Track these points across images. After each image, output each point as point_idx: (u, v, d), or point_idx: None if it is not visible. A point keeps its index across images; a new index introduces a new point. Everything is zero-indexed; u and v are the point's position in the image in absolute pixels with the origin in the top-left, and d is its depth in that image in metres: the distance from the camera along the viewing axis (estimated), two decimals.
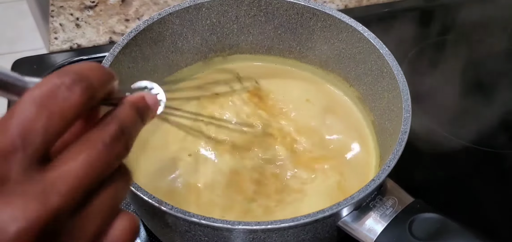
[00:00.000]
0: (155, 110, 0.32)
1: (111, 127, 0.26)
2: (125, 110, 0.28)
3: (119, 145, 0.26)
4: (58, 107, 0.24)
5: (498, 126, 0.66)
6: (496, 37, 0.80)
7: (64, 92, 0.24)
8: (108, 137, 0.26)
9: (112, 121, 0.27)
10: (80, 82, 0.25)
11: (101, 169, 0.25)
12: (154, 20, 0.54)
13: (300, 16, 0.58)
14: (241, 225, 0.39)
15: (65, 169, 0.24)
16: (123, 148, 0.27)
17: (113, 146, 0.26)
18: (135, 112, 0.29)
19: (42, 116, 0.23)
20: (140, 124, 0.30)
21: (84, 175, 0.24)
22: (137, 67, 0.55)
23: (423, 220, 0.42)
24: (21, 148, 0.23)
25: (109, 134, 0.26)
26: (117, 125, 0.27)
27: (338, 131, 0.57)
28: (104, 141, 0.25)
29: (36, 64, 0.69)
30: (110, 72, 0.28)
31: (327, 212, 0.40)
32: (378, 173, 0.43)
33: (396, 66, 0.51)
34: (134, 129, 0.28)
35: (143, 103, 0.30)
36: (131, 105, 0.29)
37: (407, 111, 0.47)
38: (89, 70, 0.26)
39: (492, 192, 0.59)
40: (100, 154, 0.25)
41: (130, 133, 0.28)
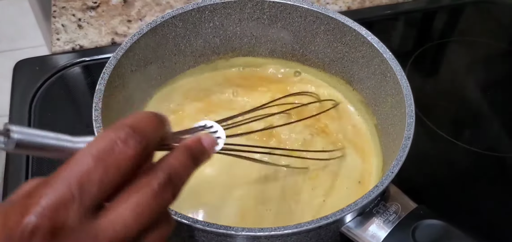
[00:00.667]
0: (211, 152, 0.33)
1: (159, 175, 0.27)
2: (177, 156, 0.29)
3: (166, 193, 0.27)
4: (114, 160, 0.26)
5: (501, 130, 0.66)
6: (499, 39, 0.80)
7: (120, 147, 0.26)
8: (157, 185, 0.27)
9: (161, 168, 0.28)
10: (135, 136, 0.26)
11: (149, 216, 0.26)
12: (157, 23, 0.54)
13: (303, 19, 0.58)
14: (245, 231, 0.39)
15: (115, 215, 0.26)
16: (171, 195, 0.28)
17: (161, 194, 0.27)
18: (188, 157, 0.30)
19: (98, 169, 0.25)
20: (193, 168, 0.30)
21: (133, 222, 0.26)
22: (140, 70, 0.55)
23: (426, 226, 0.42)
24: (78, 198, 0.24)
25: (157, 182, 0.27)
26: (165, 173, 0.28)
27: (340, 134, 0.57)
28: (153, 189, 0.27)
29: (38, 65, 0.69)
30: (163, 120, 0.30)
31: (330, 218, 0.40)
32: (381, 179, 0.43)
33: (400, 71, 0.51)
34: (184, 174, 0.29)
35: (198, 147, 0.31)
36: (185, 150, 0.30)
37: (411, 117, 0.47)
38: (142, 122, 0.28)
39: (495, 196, 0.59)
40: (149, 201, 0.26)
41: (179, 180, 0.29)
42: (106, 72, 0.49)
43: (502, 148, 0.64)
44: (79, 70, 0.69)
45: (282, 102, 0.57)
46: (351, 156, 0.56)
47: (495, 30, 0.82)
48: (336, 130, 0.58)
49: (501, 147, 0.64)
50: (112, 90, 0.50)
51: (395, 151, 0.46)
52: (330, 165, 0.54)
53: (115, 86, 0.50)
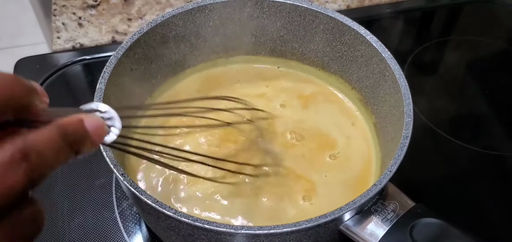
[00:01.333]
0: (97, 139, 0.26)
1: (7, 150, 0.21)
2: (42, 132, 0.23)
3: (16, 173, 0.21)
4: None
5: (499, 128, 0.67)
6: (498, 38, 0.81)
7: None
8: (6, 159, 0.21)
9: (13, 142, 0.21)
10: None
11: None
12: (158, 22, 0.54)
13: (302, 18, 0.59)
14: (244, 229, 0.40)
15: None
16: (23, 178, 0.21)
17: (10, 171, 0.21)
18: (58, 135, 0.23)
19: None
20: (65, 153, 0.24)
21: None
22: (140, 69, 0.55)
23: (424, 225, 0.42)
24: None
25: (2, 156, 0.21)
26: (16, 148, 0.21)
27: (339, 133, 0.58)
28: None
29: (38, 63, 0.69)
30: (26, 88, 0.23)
31: (329, 217, 0.40)
32: (379, 178, 0.43)
33: (398, 70, 0.51)
34: (51, 156, 0.23)
35: (76, 128, 0.25)
36: (55, 127, 0.23)
37: (409, 116, 0.48)
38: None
39: (493, 195, 0.59)
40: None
41: (41, 160, 0.22)
42: (107, 71, 0.49)
43: (501, 146, 0.64)
44: (79, 69, 0.69)
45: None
46: (350, 154, 0.56)
47: (494, 29, 0.82)
48: (335, 127, 0.58)
49: (500, 146, 0.64)
50: (113, 89, 0.50)
51: (394, 149, 0.47)
52: (329, 163, 0.54)
53: (115, 85, 0.51)
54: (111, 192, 0.57)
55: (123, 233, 0.54)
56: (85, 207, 0.56)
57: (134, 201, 0.48)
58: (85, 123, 0.25)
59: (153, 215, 0.44)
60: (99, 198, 0.56)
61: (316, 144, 0.56)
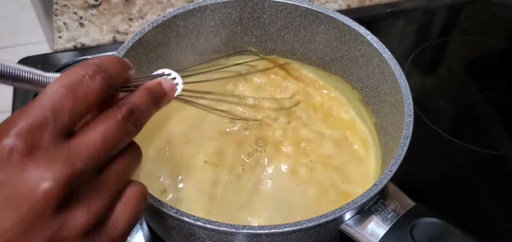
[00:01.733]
0: (171, 95, 0.37)
1: (122, 109, 0.31)
2: (138, 94, 0.33)
3: (129, 124, 0.31)
4: (83, 92, 0.29)
5: (500, 128, 0.67)
6: (498, 37, 0.81)
7: (88, 81, 0.29)
8: (120, 116, 0.31)
9: (124, 103, 0.32)
10: (101, 72, 0.30)
11: (114, 141, 0.30)
12: (159, 22, 0.55)
13: (303, 18, 0.59)
14: (245, 229, 0.40)
15: (85, 138, 0.29)
16: (132, 126, 0.32)
17: (124, 124, 0.31)
18: (149, 96, 0.34)
19: (69, 98, 0.28)
20: (154, 106, 0.34)
21: (101, 144, 0.29)
22: (141, 69, 0.55)
23: (424, 225, 0.43)
24: (51, 122, 0.28)
25: (121, 113, 0.31)
26: (128, 107, 0.31)
27: (339, 132, 0.58)
28: (116, 118, 0.30)
29: (40, 63, 0.69)
30: (126, 64, 0.33)
31: (330, 216, 0.41)
32: (380, 177, 0.43)
33: (399, 70, 0.51)
34: (145, 110, 0.33)
35: (158, 88, 0.35)
36: (146, 90, 0.34)
37: (409, 116, 0.48)
38: (108, 62, 0.31)
39: (493, 194, 0.59)
40: (114, 129, 0.30)
41: (140, 114, 0.32)
42: None
43: (501, 146, 0.64)
44: None
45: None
46: (350, 153, 0.56)
47: (494, 29, 0.83)
48: (335, 126, 0.58)
49: (500, 146, 0.64)
50: None
51: (394, 149, 0.47)
52: (329, 162, 0.55)
53: None
54: None
55: None
56: None
57: None
58: (163, 84, 0.36)
59: (154, 214, 0.44)
60: None
61: (316, 141, 0.56)
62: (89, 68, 0.30)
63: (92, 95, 0.29)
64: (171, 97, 0.37)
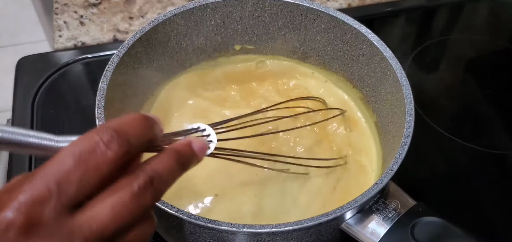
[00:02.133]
0: (201, 156, 0.33)
1: (140, 177, 0.28)
2: (163, 159, 0.30)
3: (146, 195, 0.28)
4: (95, 162, 0.26)
5: (501, 127, 0.67)
6: (499, 36, 0.81)
7: (102, 149, 0.26)
8: (136, 187, 0.27)
9: (143, 170, 0.28)
10: (118, 139, 0.27)
11: (126, 217, 0.27)
12: (159, 21, 0.54)
13: (304, 17, 0.59)
14: (246, 228, 0.40)
15: (92, 214, 0.26)
16: (150, 198, 0.28)
17: (140, 196, 0.27)
18: (174, 160, 0.30)
19: (79, 169, 0.26)
20: (179, 172, 0.31)
21: (109, 221, 0.26)
22: (142, 67, 0.55)
23: (425, 224, 0.43)
24: (56, 195, 0.25)
25: (138, 183, 0.27)
26: (147, 175, 0.28)
27: (340, 131, 0.58)
28: (132, 190, 0.27)
29: (40, 62, 0.69)
30: (151, 122, 0.30)
31: (330, 216, 0.41)
32: (381, 177, 0.43)
33: (400, 69, 0.51)
34: (168, 178, 0.30)
35: (187, 151, 0.32)
36: (172, 153, 0.30)
37: (410, 115, 0.48)
38: (128, 125, 0.28)
39: (494, 194, 0.59)
40: (127, 203, 0.27)
41: (161, 183, 0.29)
42: (109, 70, 0.49)
43: (502, 145, 0.64)
44: (81, 67, 0.69)
45: (286, 106, 0.57)
46: (352, 152, 0.56)
47: (495, 28, 0.82)
48: (336, 126, 0.58)
49: (501, 145, 0.64)
50: (115, 88, 0.50)
51: (395, 148, 0.47)
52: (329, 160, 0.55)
53: (117, 84, 0.51)
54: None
55: None
56: None
57: None
58: (193, 145, 0.32)
59: (155, 213, 0.44)
60: None
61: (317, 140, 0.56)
62: (105, 133, 0.27)
63: (105, 166, 0.26)
64: (200, 159, 0.33)
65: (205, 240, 0.42)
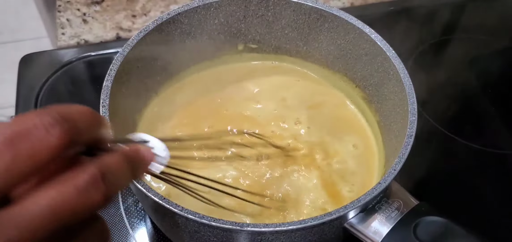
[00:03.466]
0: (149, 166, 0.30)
1: (89, 171, 0.23)
2: (113, 157, 0.25)
3: (95, 193, 0.23)
4: (29, 147, 0.21)
5: (503, 127, 0.67)
6: (501, 36, 0.81)
7: (41, 132, 0.22)
8: (83, 181, 0.23)
9: (93, 165, 0.24)
10: (63, 123, 0.22)
11: (66, 216, 0.22)
12: (163, 20, 0.55)
13: (307, 16, 0.59)
14: (250, 227, 0.40)
15: (20, 209, 0.21)
16: (101, 196, 0.23)
17: (87, 192, 0.23)
18: (126, 162, 0.26)
19: (5, 155, 0.21)
20: (129, 177, 0.27)
21: (43, 219, 0.22)
22: (146, 66, 0.55)
23: (428, 223, 0.43)
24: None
25: (84, 178, 0.23)
26: (97, 169, 0.24)
27: (343, 131, 0.58)
28: (77, 184, 0.23)
29: (44, 60, 0.69)
30: (100, 118, 0.26)
31: (334, 215, 0.41)
32: (384, 176, 0.43)
33: (403, 69, 0.52)
34: (121, 178, 0.26)
35: (136, 155, 0.28)
36: (122, 154, 0.26)
37: (413, 115, 0.48)
38: (76, 113, 0.24)
39: (497, 193, 0.59)
40: (68, 198, 0.22)
41: (114, 181, 0.24)
42: (113, 69, 0.50)
43: (504, 145, 0.65)
44: (84, 65, 0.70)
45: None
46: (353, 153, 0.56)
47: (498, 27, 0.82)
48: (338, 125, 0.58)
49: (503, 144, 0.65)
50: (119, 87, 0.50)
51: (398, 148, 0.47)
52: (333, 161, 0.55)
53: (121, 82, 0.51)
54: None
55: (128, 229, 0.54)
56: None
57: (140, 197, 0.49)
58: (141, 152, 0.29)
59: (159, 212, 0.44)
60: None
61: (319, 140, 0.56)
62: (47, 116, 0.22)
63: (43, 154, 0.22)
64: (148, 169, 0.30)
65: (209, 239, 0.43)
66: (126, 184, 0.27)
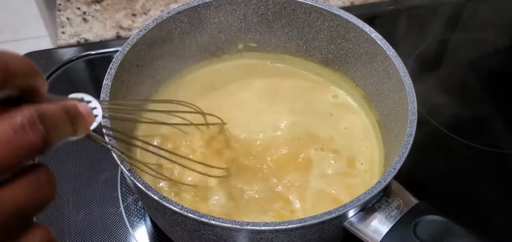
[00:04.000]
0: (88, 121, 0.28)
1: (26, 111, 0.22)
2: (51, 105, 0.24)
3: (33, 134, 0.22)
4: None
5: (503, 126, 0.67)
6: (501, 35, 0.81)
7: None
8: (20, 121, 0.22)
9: (30, 106, 0.22)
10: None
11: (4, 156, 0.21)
12: (163, 18, 0.55)
13: (307, 15, 0.59)
14: (250, 225, 0.40)
15: None
16: (39, 139, 0.22)
17: (24, 131, 0.22)
18: (64, 112, 0.25)
19: None
20: (69, 128, 0.25)
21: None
22: (146, 65, 0.55)
23: (427, 222, 0.43)
24: None
25: (21, 117, 0.22)
26: (34, 111, 0.22)
27: (342, 130, 0.58)
28: (13, 123, 0.21)
29: (44, 59, 0.69)
30: (35, 68, 0.24)
31: (333, 214, 0.41)
32: (384, 175, 0.43)
33: (403, 68, 0.52)
34: (59, 127, 0.24)
35: (74, 108, 0.26)
36: (60, 105, 0.25)
37: (413, 114, 0.48)
38: (10, 57, 0.22)
39: (496, 193, 0.59)
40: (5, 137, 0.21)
41: (52, 127, 0.23)
42: (113, 67, 0.50)
43: (504, 144, 0.65)
44: (84, 64, 0.70)
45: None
46: (354, 152, 0.56)
47: (498, 26, 0.82)
48: (338, 123, 0.58)
49: (503, 144, 0.65)
50: (119, 85, 0.50)
51: (398, 147, 0.47)
52: (333, 161, 0.55)
53: (121, 81, 0.51)
54: (116, 186, 0.57)
55: (128, 228, 0.54)
56: (90, 201, 0.56)
57: (140, 196, 0.49)
58: (79, 107, 0.27)
59: (159, 210, 0.44)
60: (104, 193, 0.57)
61: (319, 139, 0.56)
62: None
63: None
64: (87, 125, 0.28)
65: (209, 237, 0.43)
66: (66, 133, 0.25)
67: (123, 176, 0.57)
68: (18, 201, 0.22)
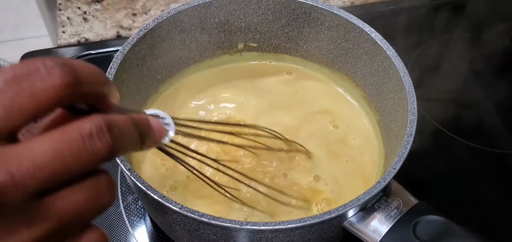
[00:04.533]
0: (158, 136, 0.30)
1: (95, 119, 0.23)
2: (121, 116, 0.25)
3: (100, 142, 0.22)
4: (30, 86, 0.21)
5: (503, 126, 0.67)
6: (502, 35, 0.81)
7: (42, 72, 0.21)
8: (89, 129, 0.22)
9: (101, 116, 0.23)
10: (64, 67, 0.22)
11: (69, 162, 0.22)
12: (163, 18, 0.55)
13: (307, 15, 0.59)
14: (249, 225, 0.40)
15: (30, 146, 0.21)
16: (106, 148, 0.23)
17: (91, 139, 0.22)
18: (133, 125, 0.26)
19: (8, 91, 0.21)
20: (137, 141, 0.26)
21: (45, 161, 0.21)
22: (146, 64, 0.56)
23: (427, 222, 0.43)
24: None
25: (91, 126, 0.22)
26: (103, 120, 0.23)
27: (343, 130, 0.58)
28: (82, 131, 0.22)
29: None
30: (106, 79, 0.25)
31: (333, 214, 0.41)
32: (383, 175, 0.44)
33: (403, 68, 0.52)
34: (128, 138, 0.25)
35: (144, 122, 0.27)
36: (131, 119, 0.26)
37: (413, 114, 0.48)
38: (80, 65, 0.23)
39: (496, 193, 0.59)
40: (73, 144, 0.22)
41: (120, 137, 0.24)
42: (113, 67, 0.50)
43: (504, 144, 0.65)
44: None
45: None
46: (354, 152, 0.56)
47: (498, 26, 0.82)
48: (338, 124, 0.58)
49: (503, 144, 0.65)
50: (119, 85, 0.50)
51: (397, 147, 0.47)
52: (333, 161, 0.55)
53: (121, 80, 0.51)
54: (116, 186, 0.57)
55: (128, 227, 0.54)
56: None
57: (140, 195, 0.49)
58: (150, 121, 0.28)
59: (159, 210, 0.44)
60: None
61: (319, 139, 0.56)
62: (49, 60, 0.22)
63: (43, 92, 0.21)
64: (157, 140, 0.29)
65: (208, 237, 0.43)
66: (133, 147, 0.26)
67: (123, 176, 0.57)
68: (79, 205, 0.23)
